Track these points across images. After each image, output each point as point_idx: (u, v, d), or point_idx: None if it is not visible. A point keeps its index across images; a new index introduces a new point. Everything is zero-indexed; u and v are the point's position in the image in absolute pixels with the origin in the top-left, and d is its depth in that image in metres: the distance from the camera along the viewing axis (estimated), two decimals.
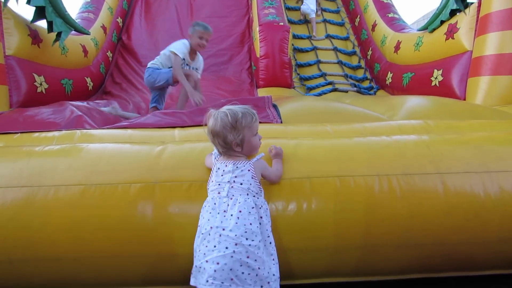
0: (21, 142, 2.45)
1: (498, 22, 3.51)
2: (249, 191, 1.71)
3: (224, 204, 1.69)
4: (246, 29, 7.28)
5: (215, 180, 1.76)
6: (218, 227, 1.64)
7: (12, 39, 3.92)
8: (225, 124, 1.69)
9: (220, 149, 1.78)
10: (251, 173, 1.73)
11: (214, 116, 1.73)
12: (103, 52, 6.27)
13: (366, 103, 3.79)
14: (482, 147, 2.06)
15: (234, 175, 1.72)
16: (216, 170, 1.78)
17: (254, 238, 1.63)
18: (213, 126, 1.72)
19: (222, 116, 1.71)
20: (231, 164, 1.75)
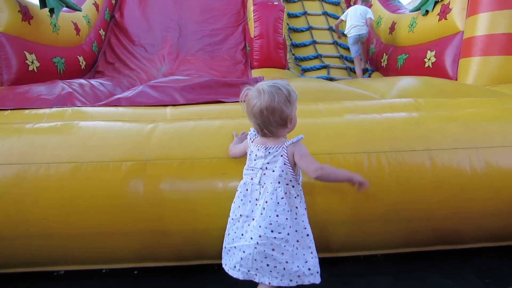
0: (12, 119, 2.44)
1: (488, 3, 3.50)
2: (281, 179, 1.59)
3: (256, 191, 1.63)
4: (241, 8, 7.18)
5: (248, 164, 1.69)
6: (248, 217, 1.61)
7: (2, 15, 3.85)
8: (282, 98, 1.52)
9: (272, 129, 1.58)
10: (283, 159, 1.59)
11: (267, 91, 1.53)
12: (96, 30, 6.17)
13: (360, 83, 3.79)
14: (470, 124, 2.09)
15: (266, 161, 1.61)
16: (250, 153, 1.67)
17: (282, 231, 1.54)
18: (269, 101, 1.51)
19: (277, 90, 1.53)
20: (263, 148, 1.62)
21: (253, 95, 1.57)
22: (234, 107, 2.60)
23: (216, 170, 1.90)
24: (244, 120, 2.18)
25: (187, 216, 1.91)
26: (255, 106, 1.55)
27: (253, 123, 1.62)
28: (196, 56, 6.24)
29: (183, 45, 6.56)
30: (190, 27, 6.87)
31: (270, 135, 1.62)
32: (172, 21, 6.95)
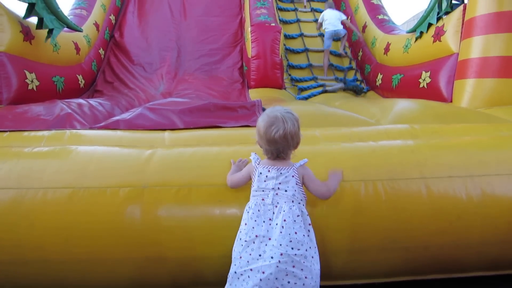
0: (11, 141, 2.44)
1: (482, 26, 3.57)
2: (294, 198, 1.68)
3: (269, 212, 1.67)
4: (238, 29, 7.30)
5: (257, 185, 1.73)
6: (264, 237, 1.63)
7: (4, 35, 3.90)
8: (298, 123, 1.68)
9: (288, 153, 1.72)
10: (295, 179, 1.70)
11: (288, 118, 1.65)
12: (95, 49, 6.23)
13: (356, 106, 3.84)
14: (466, 152, 2.12)
15: (278, 181, 1.69)
16: (258, 175, 1.73)
17: (300, 247, 1.60)
18: (292, 127, 1.65)
19: (292, 116, 1.68)
20: (274, 169, 1.71)
21: (271, 121, 1.66)
22: (232, 132, 2.63)
23: (213, 197, 1.91)
24: (241, 147, 2.22)
25: (184, 243, 1.90)
26: (278, 132, 1.65)
27: (270, 148, 1.70)
28: (194, 76, 6.31)
29: (182, 64, 6.64)
30: (189, 46, 6.96)
31: (284, 157, 1.73)
32: (171, 40, 7.05)
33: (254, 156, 1.84)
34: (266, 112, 1.71)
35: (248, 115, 3.26)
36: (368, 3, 6.72)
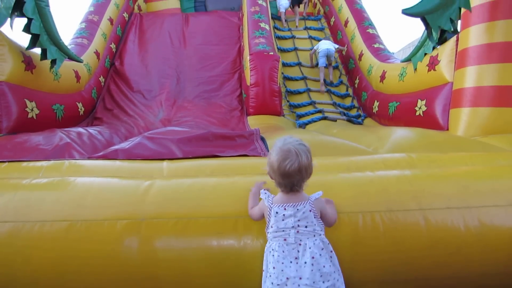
0: (9, 172, 2.44)
1: (475, 57, 3.64)
2: (315, 232, 1.70)
3: (294, 251, 1.66)
4: (237, 57, 7.44)
5: (276, 225, 1.71)
6: (295, 277, 1.63)
7: (6, 65, 3.97)
8: (310, 155, 1.69)
9: (302, 184, 1.72)
10: (313, 213, 1.71)
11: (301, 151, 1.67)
12: (96, 77, 6.33)
13: (353, 134, 3.87)
14: (462, 182, 2.13)
15: (297, 219, 1.69)
16: (275, 215, 1.72)
17: (329, 278, 1.65)
18: (306, 161, 1.66)
19: (303, 148, 1.68)
20: (290, 207, 1.70)
21: (285, 155, 1.66)
22: (230, 162, 2.64)
23: (211, 230, 1.90)
24: (239, 178, 2.23)
25: (182, 277, 1.88)
26: (292, 166, 1.65)
27: (284, 182, 1.69)
28: (193, 103, 6.38)
29: (181, 91, 6.73)
30: (188, 74, 7.08)
31: (298, 190, 1.72)
32: (171, 68, 7.17)
33: (265, 194, 1.81)
34: (278, 145, 1.70)
35: (246, 144, 3.28)
36: (364, 32, 6.89)
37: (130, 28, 7.90)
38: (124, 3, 8.05)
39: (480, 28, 3.61)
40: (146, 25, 8.08)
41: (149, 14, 8.80)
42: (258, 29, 6.76)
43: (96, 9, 7.07)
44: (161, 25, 8.07)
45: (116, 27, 7.54)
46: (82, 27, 6.59)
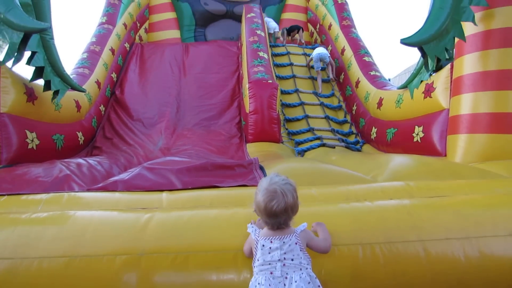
0: (9, 205, 2.45)
1: (470, 84, 3.72)
2: (302, 266, 1.68)
3: (280, 284, 1.65)
4: (236, 85, 7.55)
5: (262, 259, 1.70)
6: None
7: (8, 97, 4.03)
8: (296, 194, 1.70)
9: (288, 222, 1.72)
10: (299, 246, 1.70)
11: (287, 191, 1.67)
12: (96, 106, 6.40)
13: (352, 161, 3.89)
14: (462, 212, 2.13)
15: (283, 251, 1.68)
16: (261, 248, 1.72)
17: None
18: (292, 200, 1.67)
19: (289, 188, 1.69)
20: (277, 240, 1.70)
21: (272, 196, 1.66)
22: (230, 193, 2.66)
23: (211, 264, 1.89)
24: (239, 210, 2.23)
25: None
26: (279, 206, 1.66)
27: (271, 221, 1.71)
28: (192, 131, 6.43)
29: (181, 119, 6.79)
30: (188, 102, 7.17)
31: (285, 227, 1.74)
32: (171, 96, 7.27)
33: (252, 228, 1.81)
34: (264, 186, 1.70)
35: (246, 173, 3.30)
36: (361, 60, 7.03)
37: (131, 58, 8.06)
38: (126, 34, 8.24)
39: (474, 57, 3.71)
40: (147, 55, 8.25)
41: (150, 44, 9.00)
42: (257, 58, 6.90)
43: (98, 40, 7.24)
44: (161, 54, 8.24)
45: (118, 57, 7.69)
46: (84, 57, 6.72)
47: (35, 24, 3.48)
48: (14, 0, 3.41)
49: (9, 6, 3.35)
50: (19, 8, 3.42)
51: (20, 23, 3.37)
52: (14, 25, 3.37)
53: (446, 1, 3.56)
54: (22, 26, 3.38)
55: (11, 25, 3.38)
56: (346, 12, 8.35)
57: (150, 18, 9.64)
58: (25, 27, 3.40)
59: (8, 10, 3.33)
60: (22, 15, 3.40)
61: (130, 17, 8.60)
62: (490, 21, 3.62)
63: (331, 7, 8.61)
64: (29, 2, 4.11)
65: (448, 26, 3.62)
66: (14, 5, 3.37)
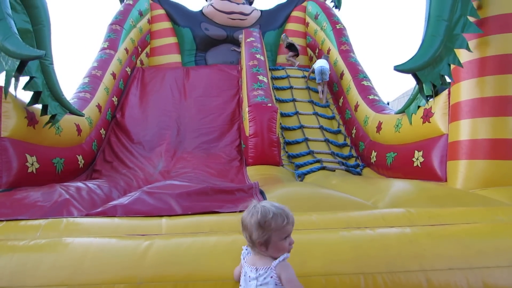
0: (7, 231, 2.43)
1: (468, 110, 3.75)
2: None
3: None
4: (236, 108, 7.61)
5: (243, 285, 1.67)
6: None
7: (10, 121, 4.07)
8: (254, 221, 1.60)
9: (247, 243, 1.68)
10: (274, 281, 1.60)
11: (249, 209, 1.65)
12: (97, 129, 6.43)
13: (353, 186, 3.88)
14: (464, 242, 2.11)
15: (258, 283, 1.61)
16: (244, 274, 1.69)
17: None
18: (244, 218, 1.65)
19: (254, 212, 1.62)
20: (254, 269, 1.64)
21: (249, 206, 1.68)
22: (230, 218, 2.63)
23: None
24: (239, 236, 2.20)
25: None
26: (243, 218, 1.67)
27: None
28: (192, 154, 6.44)
29: (181, 142, 6.81)
30: (188, 125, 7.21)
31: (258, 252, 1.66)
32: (171, 119, 7.31)
33: (245, 251, 1.76)
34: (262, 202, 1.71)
35: (246, 198, 3.28)
36: (359, 84, 7.12)
37: (132, 82, 8.15)
38: (127, 59, 8.37)
39: (470, 83, 3.75)
40: (148, 78, 8.35)
41: (151, 68, 9.13)
42: (257, 82, 6.99)
43: (99, 65, 7.34)
44: (162, 78, 8.35)
45: (119, 81, 7.78)
46: (85, 81, 6.80)
47: (30, 51, 3.55)
48: (11, 28, 3.49)
49: (6, 34, 3.43)
50: (16, 36, 3.50)
51: (17, 51, 3.44)
52: (11, 52, 3.44)
53: (438, 28, 3.63)
54: (19, 53, 3.45)
55: (7, 53, 3.46)
56: (344, 37, 8.52)
57: (151, 43, 9.81)
58: (21, 55, 3.47)
59: (6, 38, 3.41)
60: (19, 43, 3.47)
61: (131, 42, 8.76)
62: (485, 48, 3.69)
63: (330, 32, 8.78)
64: (29, 28, 4.21)
65: (441, 53, 3.68)
66: (11, 33, 3.45)
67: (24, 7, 4.15)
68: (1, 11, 3.45)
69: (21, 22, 4.08)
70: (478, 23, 3.71)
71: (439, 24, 3.60)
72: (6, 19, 3.48)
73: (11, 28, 3.48)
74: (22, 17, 4.12)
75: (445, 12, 3.59)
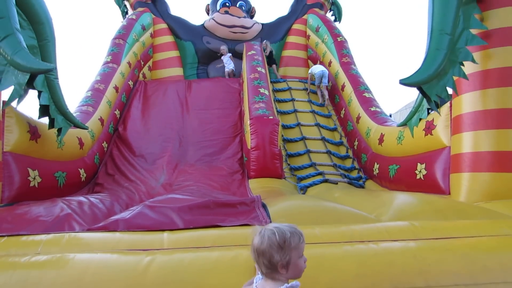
0: (8, 247, 2.42)
1: (470, 123, 3.74)
2: None
3: None
4: (238, 121, 7.63)
5: None
6: None
7: (12, 136, 4.08)
8: (272, 243, 1.56)
9: (263, 270, 1.61)
10: None
11: (261, 233, 1.60)
12: (99, 143, 6.44)
13: (356, 199, 3.85)
14: (469, 256, 2.09)
15: None
16: None
17: None
18: (258, 244, 1.58)
19: (270, 234, 1.58)
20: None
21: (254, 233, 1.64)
22: (232, 232, 2.62)
23: None
24: (241, 251, 2.19)
25: None
26: (252, 243, 1.62)
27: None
28: (194, 167, 6.42)
29: (183, 155, 6.81)
30: (190, 137, 7.21)
31: (268, 277, 1.61)
32: (173, 132, 7.32)
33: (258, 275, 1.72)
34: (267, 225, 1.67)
35: (248, 211, 3.27)
36: (361, 96, 7.13)
37: (134, 95, 8.19)
38: (130, 72, 8.43)
39: (472, 96, 3.76)
40: (150, 91, 8.39)
41: (153, 81, 9.18)
42: (258, 94, 7.01)
43: (102, 78, 7.39)
44: (164, 91, 8.39)
45: (121, 94, 7.82)
46: (88, 95, 6.84)
47: (40, 65, 3.59)
48: (21, 42, 3.54)
49: (16, 48, 3.47)
50: (25, 50, 3.55)
51: (27, 65, 3.48)
52: (21, 66, 3.48)
53: (442, 42, 3.65)
54: (29, 67, 3.49)
55: (17, 67, 3.50)
56: (345, 50, 8.57)
57: (154, 57, 9.88)
58: (31, 68, 3.51)
59: (15, 52, 3.45)
60: (29, 57, 3.52)
61: (134, 56, 8.83)
62: (487, 61, 3.70)
63: (331, 45, 8.84)
64: (35, 44, 4.26)
65: (445, 67, 3.69)
66: (20, 48, 3.50)
67: (29, 23, 4.21)
68: (10, 26, 3.50)
69: (27, 38, 4.13)
70: (480, 35, 3.73)
71: (442, 38, 3.62)
72: (15, 33, 3.54)
73: (20, 42, 3.54)
74: (28, 33, 4.18)
75: (447, 26, 3.61)
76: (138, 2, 10.07)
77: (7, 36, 3.48)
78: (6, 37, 3.48)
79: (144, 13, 9.74)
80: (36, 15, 4.22)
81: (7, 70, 3.64)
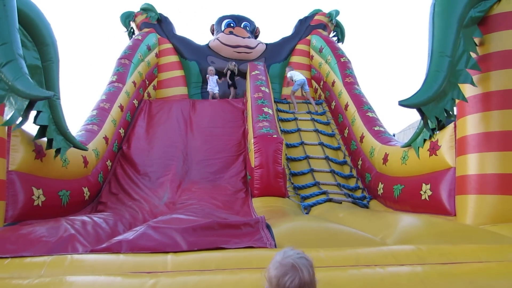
0: (11, 269, 2.43)
1: (475, 145, 3.73)
2: None
3: None
4: (241, 139, 7.65)
5: None
6: None
7: (17, 155, 4.11)
8: (313, 270, 1.53)
9: None
10: None
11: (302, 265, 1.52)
12: (103, 161, 6.46)
13: (360, 220, 3.83)
14: (477, 282, 2.06)
15: None
16: None
17: None
18: (308, 277, 1.51)
19: (305, 263, 1.53)
20: None
21: (285, 271, 1.52)
22: (236, 254, 2.60)
23: None
24: (245, 275, 2.17)
25: None
26: (293, 282, 1.50)
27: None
28: (198, 185, 6.42)
29: (186, 173, 6.81)
30: (194, 156, 7.23)
31: None
32: (177, 150, 7.34)
33: None
34: (278, 259, 1.57)
35: (252, 232, 3.24)
36: (364, 115, 7.14)
37: (139, 114, 8.26)
38: (135, 91, 8.52)
39: (475, 118, 3.76)
40: (155, 110, 8.46)
41: (158, 100, 9.27)
42: (262, 113, 7.04)
43: (107, 97, 7.47)
44: (169, 110, 8.45)
45: (126, 113, 7.88)
46: (93, 114, 6.90)
47: (40, 92, 3.57)
48: (22, 69, 3.55)
49: (17, 74, 3.47)
50: (26, 76, 3.54)
51: (26, 91, 3.47)
52: (21, 92, 3.48)
53: (442, 64, 3.67)
54: (28, 94, 3.48)
55: (17, 93, 3.49)
56: (349, 70, 8.64)
57: (158, 76, 10.00)
58: (30, 95, 3.50)
59: (16, 79, 3.45)
60: (29, 83, 3.51)
61: (139, 75, 8.95)
62: (488, 83, 3.72)
63: (334, 65, 8.93)
64: (38, 65, 4.31)
65: (445, 88, 3.70)
66: (21, 74, 3.50)
67: (34, 44, 4.28)
68: (12, 52, 3.51)
69: (31, 58, 4.19)
70: (482, 58, 3.77)
71: (442, 60, 3.66)
72: (17, 60, 3.54)
73: (22, 68, 3.55)
74: (32, 54, 4.24)
75: (448, 49, 3.65)
76: (144, 23, 10.24)
77: (8, 62, 3.48)
78: (8, 63, 3.47)
79: (149, 34, 9.91)
80: (41, 37, 4.28)
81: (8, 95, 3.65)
